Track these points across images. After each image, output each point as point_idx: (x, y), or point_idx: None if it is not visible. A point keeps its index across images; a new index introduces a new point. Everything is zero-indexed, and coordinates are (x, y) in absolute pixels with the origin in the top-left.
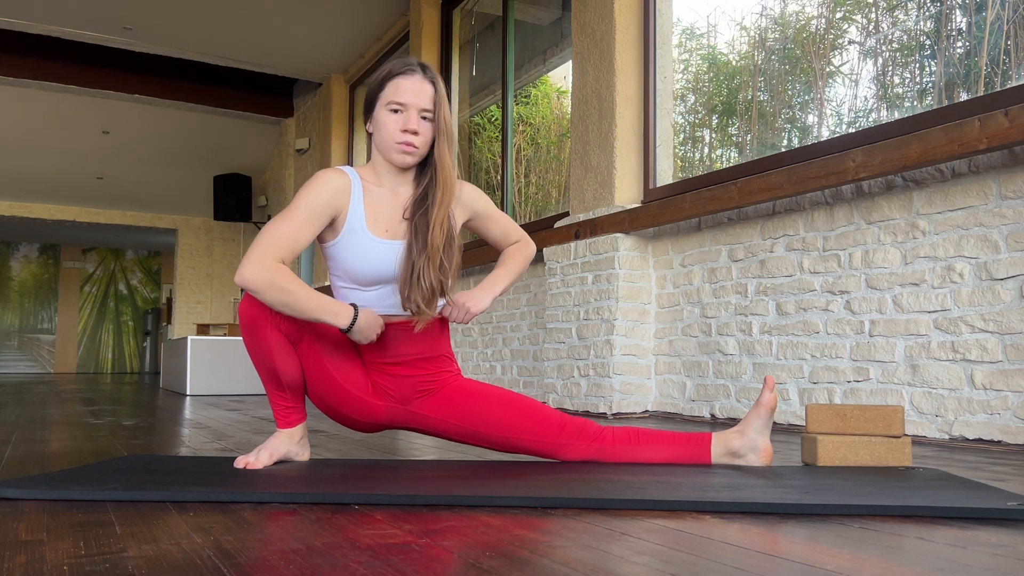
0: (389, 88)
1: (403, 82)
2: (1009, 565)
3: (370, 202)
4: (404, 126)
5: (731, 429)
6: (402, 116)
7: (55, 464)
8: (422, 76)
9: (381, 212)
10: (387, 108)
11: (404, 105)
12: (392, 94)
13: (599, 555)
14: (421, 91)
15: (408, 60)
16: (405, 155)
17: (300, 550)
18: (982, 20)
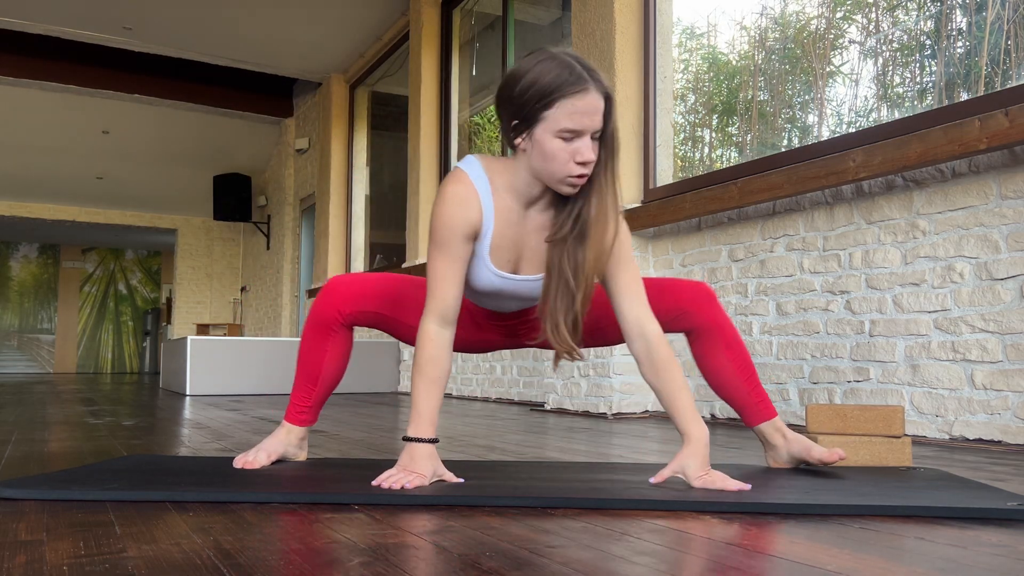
0: (560, 110)
1: (579, 103)
2: (1009, 565)
3: (499, 226)
4: (578, 157)
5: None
6: (574, 144)
7: (55, 464)
8: (596, 91)
9: (506, 239)
10: (554, 134)
11: (577, 132)
12: (565, 119)
13: (599, 555)
14: (596, 110)
15: (579, 70)
16: (573, 188)
17: (300, 550)
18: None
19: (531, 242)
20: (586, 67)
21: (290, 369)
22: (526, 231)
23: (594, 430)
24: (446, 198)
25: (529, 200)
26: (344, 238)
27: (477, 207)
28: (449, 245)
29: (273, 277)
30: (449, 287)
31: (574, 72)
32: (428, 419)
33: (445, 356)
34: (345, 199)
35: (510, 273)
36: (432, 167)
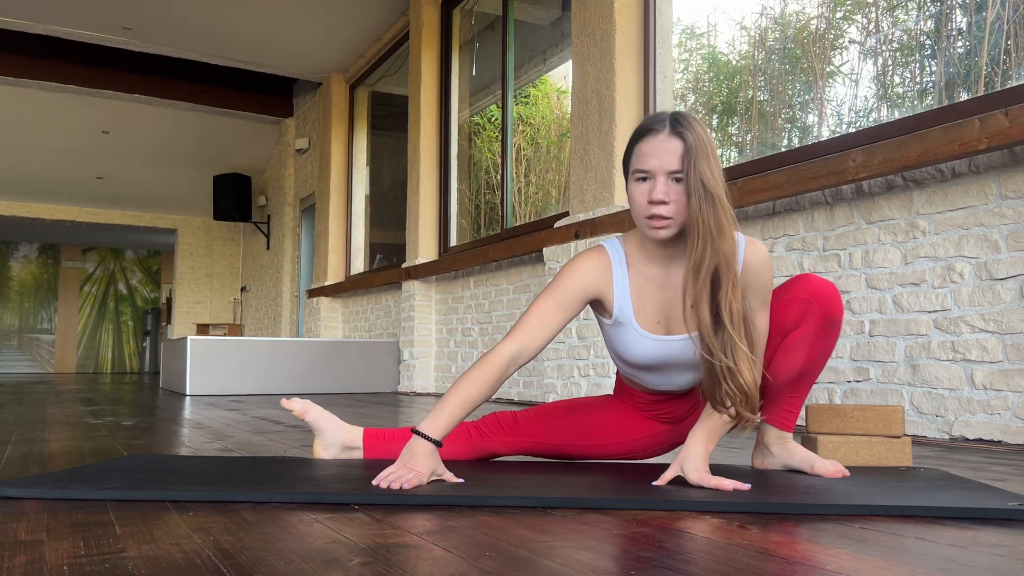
0: (634, 155)
1: (644, 146)
2: (1009, 565)
3: (638, 291)
4: (651, 196)
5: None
6: (648, 184)
7: (55, 464)
8: (668, 133)
9: (651, 302)
10: (634, 178)
11: (649, 172)
12: (636, 161)
13: (599, 555)
14: (667, 151)
15: (656, 116)
16: (656, 230)
17: (300, 550)
18: (982, 20)
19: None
20: (675, 115)
21: (289, 370)
22: (674, 293)
23: None
24: (580, 260)
25: (665, 257)
26: (344, 238)
27: (608, 275)
28: (564, 292)
29: (273, 277)
30: (543, 330)
31: (653, 119)
32: (445, 424)
33: (495, 383)
34: (345, 199)
35: (663, 335)
36: (432, 167)
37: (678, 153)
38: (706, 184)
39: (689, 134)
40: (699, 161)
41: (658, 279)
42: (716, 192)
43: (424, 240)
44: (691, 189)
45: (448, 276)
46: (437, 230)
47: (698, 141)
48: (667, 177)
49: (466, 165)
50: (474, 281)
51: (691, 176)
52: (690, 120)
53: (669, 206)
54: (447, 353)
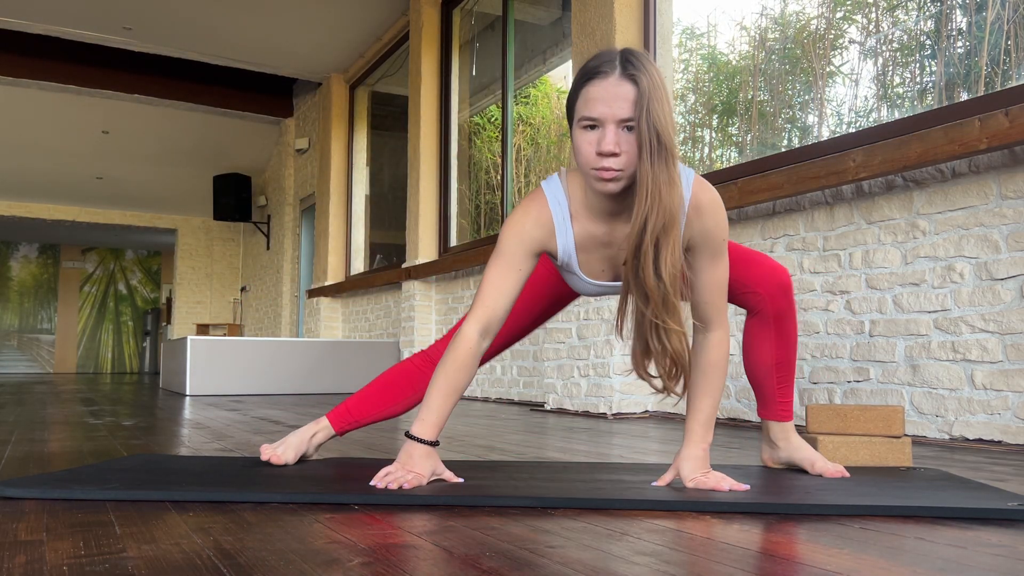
0: (580, 99)
1: (593, 89)
2: (1009, 565)
3: (583, 244)
4: (599, 147)
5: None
6: (596, 134)
7: (55, 464)
8: (619, 76)
9: (597, 256)
10: (580, 125)
11: (598, 120)
12: (583, 106)
13: (599, 555)
14: (617, 96)
15: (605, 55)
16: (604, 183)
17: (300, 550)
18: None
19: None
20: (626, 54)
21: (289, 370)
22: (618, 249)
23: (594, 430)
24: (520, 217)
25: (609, 213)
26: (344, 238)
27: (550, 229)
28: (511, 256)
29: (273, 277)
30: (501, 297)
31: (602, 58)
32: (436, 422)
33: (473, 367)
34: (345, 199)
35: (609, 281)
36: (432, 167)
37: (630, 99)
38: (660, 134)
39: (642, 76)
40: (653, 107)
41: (602, 234)
42: (669, 143)
43: (424, 240)
44: (643, 140)
45: (448, 276)
46: (437, 230)
47: (652, 84)
48: (617, 126)
49: (466, 165)
50: (474, 281)
51: (643, 125)
52: (642, 59)
53: (620, 158)
54: None
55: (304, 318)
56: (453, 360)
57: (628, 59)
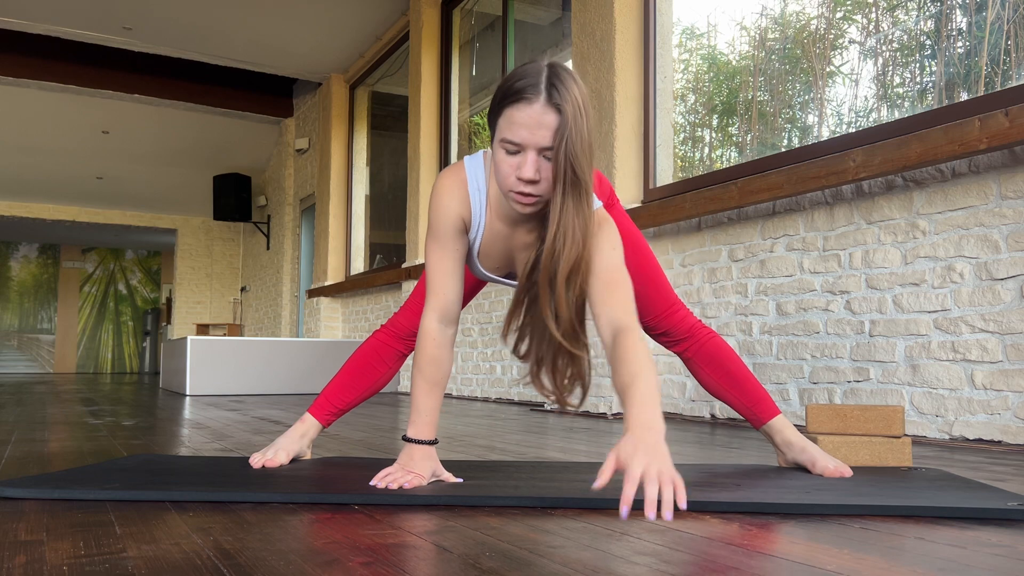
0: (503, 119)
1: (517, 114)
2: (1009, 565)
3: (488, 235)
4: (519, 172)
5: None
6: (517, 158)
7: (55, 464)
8: (544, 103)
9: (495, 250)
10: (500, 144)
11: (519, 145)
12: (506, 128)
13: (599, 555)
14: (541, 124)
15: (532, 74)
16: (522, 206)
17: (300, 550)
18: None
19: (521, 256)
20: (552, 77)
21: (289, 370)
22: (514, 245)
23: (594, 430)
24: (444, 192)
25: (512, 220)
26: (344, 238)
27: (466, 203)
28: (444, 239)
29: (273, 277)
30: (449, 282)
31: (529, 79)
32: (428, 420)
33: (447, 357)
34: (345, 199)
35: (503, 277)
36: (432, 167)
37: (552, 127)
38: (575, 168)
39: (567, 104)
40: (571, 139)
41: (505, 234)
42: (583, 177)
43: (424, 240)
44: (558, 171)
45: None
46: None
47: (575, 112)
48: (538, 153)
49: None
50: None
51: (560, 157)
52: (567, 83)
53: (539, 184)
54: None
55: (304, 318)
56: (423, 357)
57: (554, 83)
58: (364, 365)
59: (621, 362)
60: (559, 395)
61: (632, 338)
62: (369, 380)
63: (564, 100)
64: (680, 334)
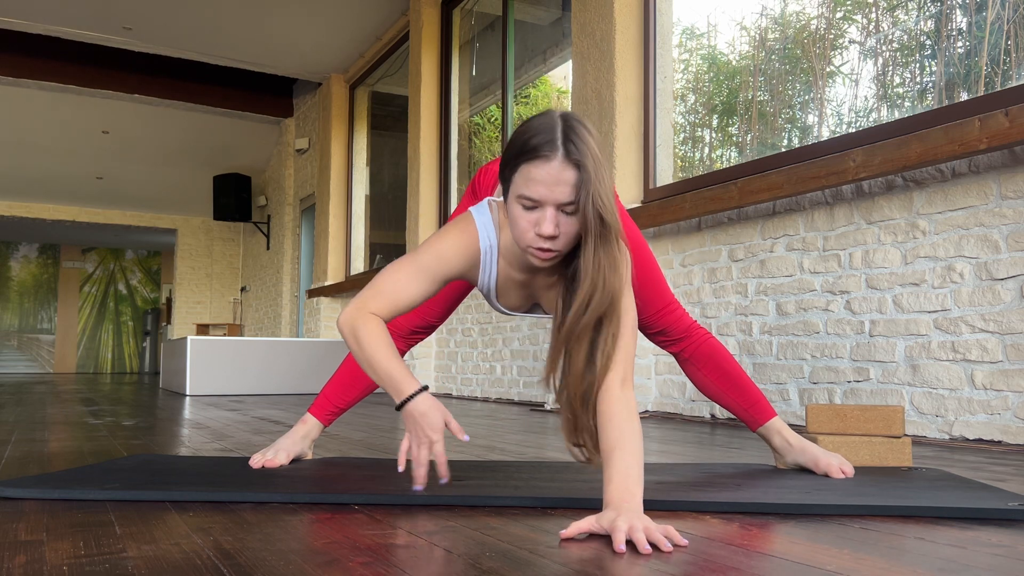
0: (520, 175)
1: (535, 171)
2: (1009, 565)
3: (504, 282)
4: (538, 228)
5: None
6: (535, 214)
7: (55, 464)
8: (562, 160)
9: (514, 293)
10: (515, 199)
11: (537, 201)
12: (523, 185)
13: (599, 555)
14: (559, 181)
15: (546, 133)
16: (541, 261)
17: (300, 550)
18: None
19: (546, 296)
20: (567, 131)
21: (289, 370)
22: (536, 287)
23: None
24: (449, 241)
25: (530, 268)
26: (344, 238)
27: (475, 264)
28: (427, 271)
29: (273, 277)
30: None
31: (544, 135)
32: (406, 375)
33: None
34: (345, 199)
35: (525, 312)
36: (432, 167)
37: (572, 183)
38: (604, 219)
39: (586, 159)
40: (595, 190)
41: (522, 280)
42: (613, 222)
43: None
44: (588, 225)
45: None
46: (437, 230)
47: (595, 164)
48: (557, 209)
49: (466, 165)
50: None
51: (588, 211)
52: (583, 136)
53: (558, 240)
54: (447, 353)
55: (304, 318)
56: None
57: (570, 138)
58: None
59: (603, 425)
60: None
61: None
62: (369, 378)
63: (583, 155)
64: (676, 334)
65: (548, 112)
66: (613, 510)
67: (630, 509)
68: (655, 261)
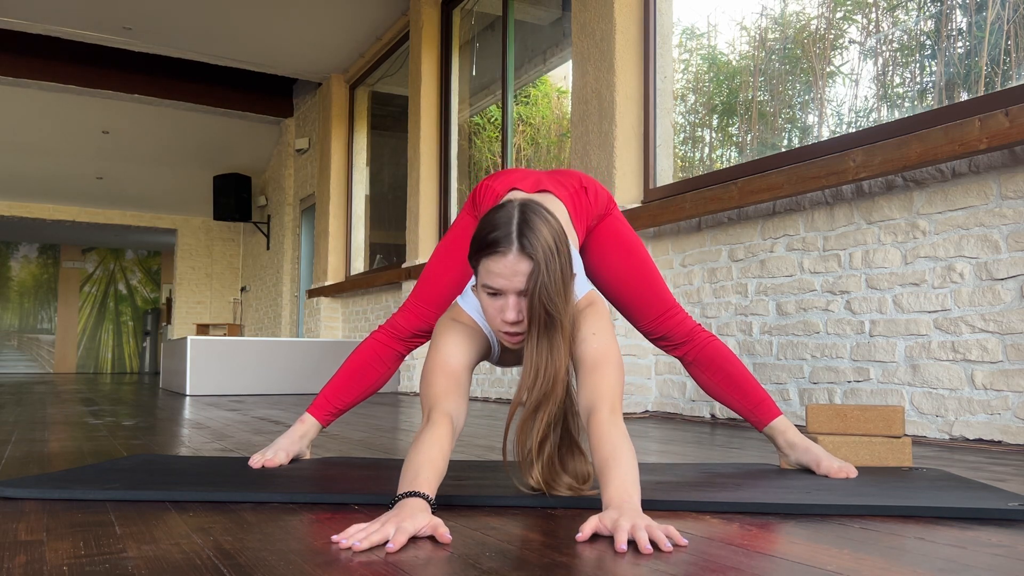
0: (482, 267)
1: (493, 265)
2: (1009, 565)
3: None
4: (503, 315)
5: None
6: (500, 301)
7: (55, 464)
8: (517, 254)
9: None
10: (483, 288)
11: (499, 290)
12: (485, 275)
13: (599, 555)
14: (516, 272)
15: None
16: (511, 343)
17: (300, 550)
18: (982, 20)
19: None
20: (522, 226)
21: (289, 370)
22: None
23: None
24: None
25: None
26: (344, 238)
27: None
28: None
29: (273, 277)
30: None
31: (502, 230)
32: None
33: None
34: (345, 199)
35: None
36: (432, 167)
37: (526, 273)
38: (550, 312)
39: (538, 251)
40: (544, 285)
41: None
42: (559, 318)
43: (424, 240)
44: (533, 315)
45: None
46: (437, 230)
47: (546, 258)
48: (518, 295)
49: (466, 165)
50: None
51: (535, 301)
52: (536, 228)
53: (523, 323)
54: None
55: (304, 318)
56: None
57: (524, 233)
58: (363, 365)
59: (595, 446)
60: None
61: (602, 420)
62: (368, 380)
63: (535, 248)
64: (678, 338)
65: (508, 205)
66: (615, 509)
67: (631, 508)
68: (654, 265)
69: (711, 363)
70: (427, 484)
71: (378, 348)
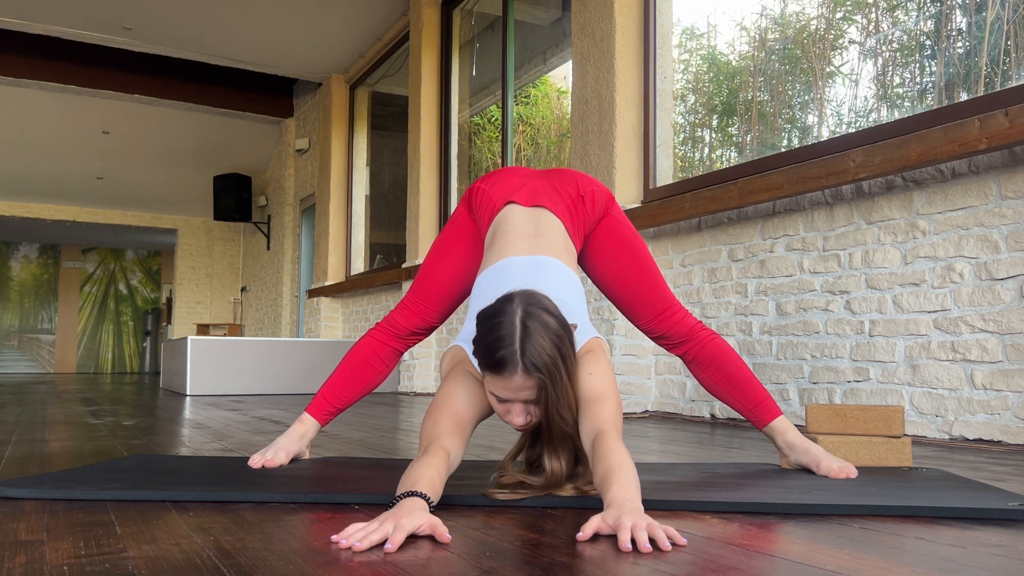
0: (488, 379)
1: (499, 383)
2: (1009, 565)
3: None
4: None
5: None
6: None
7: (55, 464)
8: (523, 374)
9: None
10: (489, 392)
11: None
12: (491, 385)
13: (599, 555)
14: (523, 388)
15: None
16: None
17: (300, 550)
18: (982, 20)
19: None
20: (524, 342)
21: (289, 370)
22: None
23: None
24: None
25: None
26: (344, 238)
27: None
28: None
29: (273, 277)
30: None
31: (504, 351)
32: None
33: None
34: (345, 199)
35: None
36: (432, 167)
37: (533, 386)
38: (564, 417)
39: (544, 374)
40: (552, 400)
41: None
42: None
43: (424, 240)
44: (548, 414)
45: None
46: (437, 230)
47: (551, 373)
48: (523, 404)
49: (466, 165)
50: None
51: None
52: (540, 344)
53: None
54: None
55: (304, 318)
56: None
57: (527, 351)
58: (361, 364)
59: (599, 459)
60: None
61: (607, 437)
62: (367, 379)
63: (540, 366)
64: (679, 336)
65: (508, 310)
66: (617, 508)
67: (633, 508)
68: (653, 264)
69: (712, 362)
70: (426, 485)
71: (376, 346)
